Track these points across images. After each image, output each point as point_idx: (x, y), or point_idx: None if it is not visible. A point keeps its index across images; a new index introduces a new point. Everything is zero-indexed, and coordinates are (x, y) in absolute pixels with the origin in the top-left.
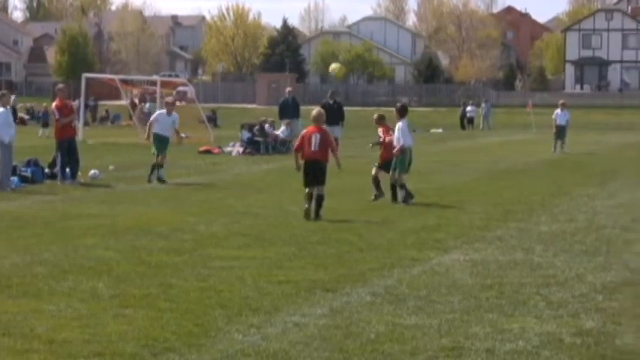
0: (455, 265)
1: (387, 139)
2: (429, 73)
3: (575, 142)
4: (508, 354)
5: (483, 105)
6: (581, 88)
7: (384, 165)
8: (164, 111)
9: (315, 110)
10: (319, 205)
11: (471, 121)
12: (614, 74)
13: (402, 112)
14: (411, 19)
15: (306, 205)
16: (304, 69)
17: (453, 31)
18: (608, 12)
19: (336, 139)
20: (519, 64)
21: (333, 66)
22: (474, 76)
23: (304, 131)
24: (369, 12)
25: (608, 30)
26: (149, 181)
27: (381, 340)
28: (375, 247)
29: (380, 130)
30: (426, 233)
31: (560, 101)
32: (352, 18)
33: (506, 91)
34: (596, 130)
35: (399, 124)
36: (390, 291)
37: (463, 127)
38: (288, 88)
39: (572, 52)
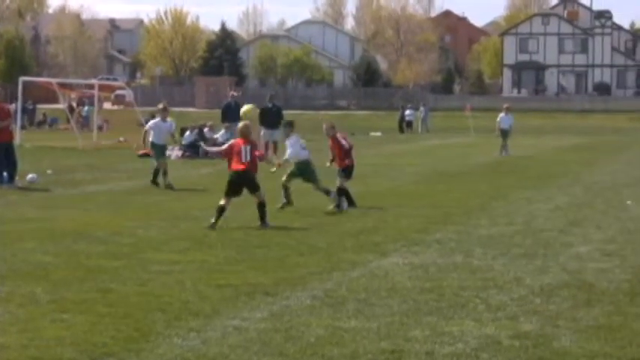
0: (394, 268)
1: (345, 144)
2: (367, 76)
3: (512, 145)
4: (447, 357)
5: (422, 108)
6: (519, 92)
7: (346, 172)
8: (158, 119)
9: (242, 123)
10: (262, 212)
11: (409, 124)
12: (551, 78)
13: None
14: (350, 23)
15: (213, 220)
16: (243, 72)
17: (392, 34)
18: (545, 16)
19: (275, 143)
20: (457, 68)
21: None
22: (413, 79)
23: (233, 142)
24: (307, 16)
25: (544, 34)
26: (156, 183)
27: (321, 344)
28: (314, 250)
29: (330, 142)
30: (365, 236)
31: (505, 105)
32: (291, 22)
33: (445, 94)
34: (534, 133)
35: (290, 139)
36: (330, 294)
37: (402, 130)
38: (232, 92)
39: (510, 56)
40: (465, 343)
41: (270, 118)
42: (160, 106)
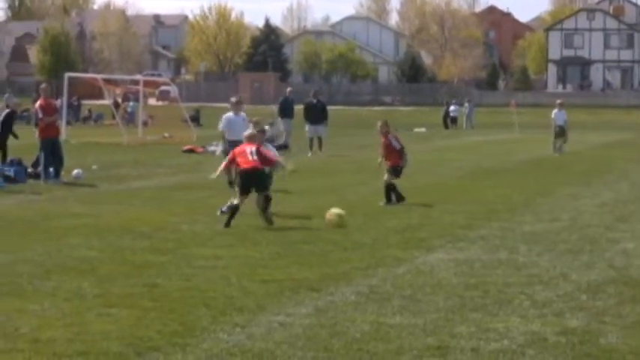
0: (439, 264)
1: (396, 145)
2: (412, 72)
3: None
4: (493, 353)
5: (466, 104)
6: (564, 87)
7: (396, 171)
8: (231, 114)
9: (249, 132)
10: (266, 207)
11: (454, 120)
12: (596, 74)
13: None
14: (394, 19)
15: (226, 220)
16: (287, 68)
17: (436, 30)
18: (590, 12)
19: (320, 138)
20: (502, 64)
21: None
22: (457, 75)
23: (236, 149)
24: (351, 11)
25: (590, 29)
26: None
27: (366, 340)
28: (359, 246)
29: (382, 139)
30: (410, 232)
31: (558, 101)
32: (335, 17)
33: (489, 90)
34: (579, 129)
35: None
36: (375, 290)
37: (446, 126)
38: (289, 88)
39: (555, 51)
40: (510, 339)
41: (315, 114)
42: (233, 99)
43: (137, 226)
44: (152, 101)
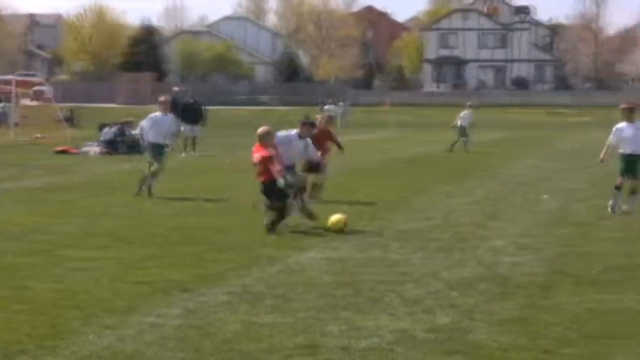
0: (312, 263)
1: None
2: (289, 72)
3: (433, 140)
4: (363, 351)
5: (342, 104)
6: (439, 86)
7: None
8: (158, 113)
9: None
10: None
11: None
12: (470, 73)
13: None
14: (271, 19)
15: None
16: (164, 68)
17: (313, 30)
18: (465, 12)
19: (194, 139)
20: (378, 63)
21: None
22: (334, 74)
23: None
24: (229, 11)
25: (465, 29)
26: (149, 193)
27: (237, 339)
28: (233, 246)
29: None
30: (286, 232)
31: (468, 103)
32: (213, 17)
33: (365, 89)
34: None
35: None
36: (247, 290)
37: None
38: (175, 88)
39: (431, 51)
40: (380, 337)
41: (192, 113)
42: (162, 98)
43: (7, 227)
44: (26, 101)
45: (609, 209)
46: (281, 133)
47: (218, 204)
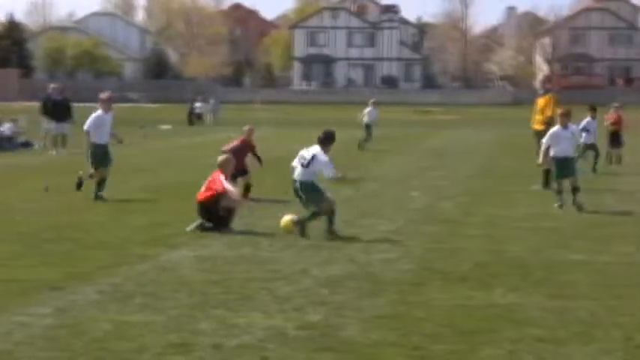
0: (183, 261)
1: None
2: (158, 69)
3: (302, 138)
4: (235, 349)
5: (212, 101)
6: (309, 84)
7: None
8: (100, 112)
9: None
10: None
11: (199, 117)
12: (339, 71)
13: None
14: (140, 15)
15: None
16: (31, 64)
17: (182, 27)
18: (334, 10)
19: (64, 136)
20: (247, 61)
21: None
22: (203, 72)
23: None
24: (97, 7)
25: (334, 28)
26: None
27: (108, 338)
28: (104, 244)
29: None
30: (155, 230)
31: (372, 100)
32: (80, 13)
33: (235, 87)
34: (324, 126)
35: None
36: (118, 289)
37: (192, 123)
38: (52, 85)
39: (300, 49)
40: (251, 334)
41: (60, 110)
42: (104, 95)
43: None
44: None
45: (558, 207)
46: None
47: (86, 202)
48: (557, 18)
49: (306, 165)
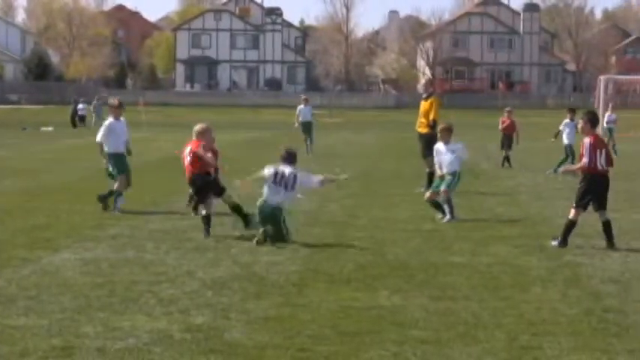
0: (66, 264)
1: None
2: (39, 70)
3: (166, 139)
4: (119, 352)
5: (95, 102)
6: (192, 86)
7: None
8: (111, 119)
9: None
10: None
11: (82, 119)
12: (223, 73)
13: None
14: (21, 16)
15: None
16: None
17: (64, 28)
18: (217, 12)
19: None
20: (130, 63)
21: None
22: (86, 73)
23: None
24: None
25: (217, 30)
26: (106, 206)
27: None
28: None
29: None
30: (37, 233)
31: (303, 97)
32: None
33: (118, 89)
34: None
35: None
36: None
37: (74, 125)
38: None
39: (183, 51)
40: (136, 337)
41: None
42: (114, 101)
43: None
44: None
45: (440, 218)
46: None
47: None
48: (438, 22)
49: (291, 187)
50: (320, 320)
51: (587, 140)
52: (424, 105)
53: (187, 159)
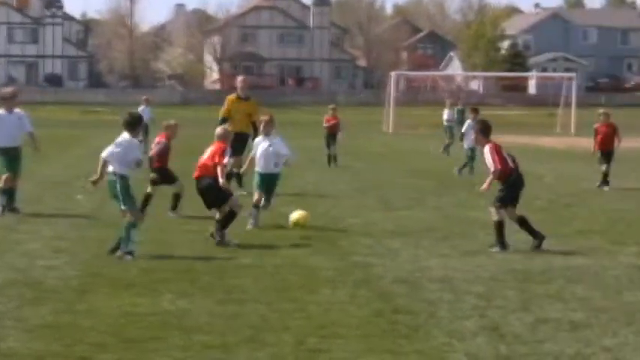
0: None
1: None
2: None
3: None
4: None
5: None
6: None
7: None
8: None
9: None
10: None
11: None
12: (0, 69)
13: None
14: None
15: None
16: None
17: None
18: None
19: None
20: None
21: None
22: None
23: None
24: None
25: None
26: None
27: None
28: None
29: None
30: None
31: (144, 97)
32: None
33: None
34: None
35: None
36: None
37: None
38: None
39: None
40: None
41: None
42: (7, 91)
43: None
44: None
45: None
46: None
47: None
48: (226, 16)
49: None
50: (102, 327)
51: (486, 149)
52: (246, 107)
53: None
